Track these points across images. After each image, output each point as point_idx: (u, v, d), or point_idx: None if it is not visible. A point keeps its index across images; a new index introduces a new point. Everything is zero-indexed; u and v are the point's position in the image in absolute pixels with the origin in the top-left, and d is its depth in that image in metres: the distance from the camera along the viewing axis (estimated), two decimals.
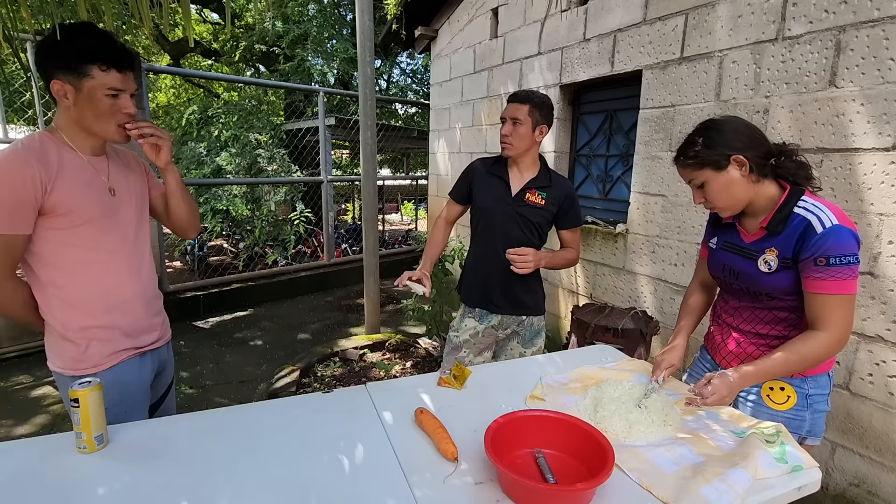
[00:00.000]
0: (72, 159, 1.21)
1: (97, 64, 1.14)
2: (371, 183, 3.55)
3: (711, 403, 1.17)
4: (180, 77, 9.90)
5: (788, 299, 1.25)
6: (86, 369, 1.25)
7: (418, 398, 1.37)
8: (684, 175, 1.31)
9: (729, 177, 1.21)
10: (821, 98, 1.86)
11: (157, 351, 1.43)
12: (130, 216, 1.33)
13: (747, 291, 1.31)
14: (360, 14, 3.27)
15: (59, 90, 1.16)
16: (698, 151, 1.23)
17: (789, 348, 1.20)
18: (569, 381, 1.48)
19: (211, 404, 2.84)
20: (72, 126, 1.21)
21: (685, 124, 2.40)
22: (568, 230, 1.91)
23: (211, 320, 4.23)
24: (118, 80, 1.17)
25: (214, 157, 6.00)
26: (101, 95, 1.16)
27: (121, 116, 1.21)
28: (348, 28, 8.16)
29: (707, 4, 2.24)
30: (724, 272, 1.37)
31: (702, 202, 1.30)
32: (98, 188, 1.24)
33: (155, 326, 1.41)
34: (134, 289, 1.33)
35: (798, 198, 1.21)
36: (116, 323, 1.29)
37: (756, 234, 1.28)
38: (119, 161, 1.36)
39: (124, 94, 1.20)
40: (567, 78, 3.15)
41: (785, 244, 1.20)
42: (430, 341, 3.49)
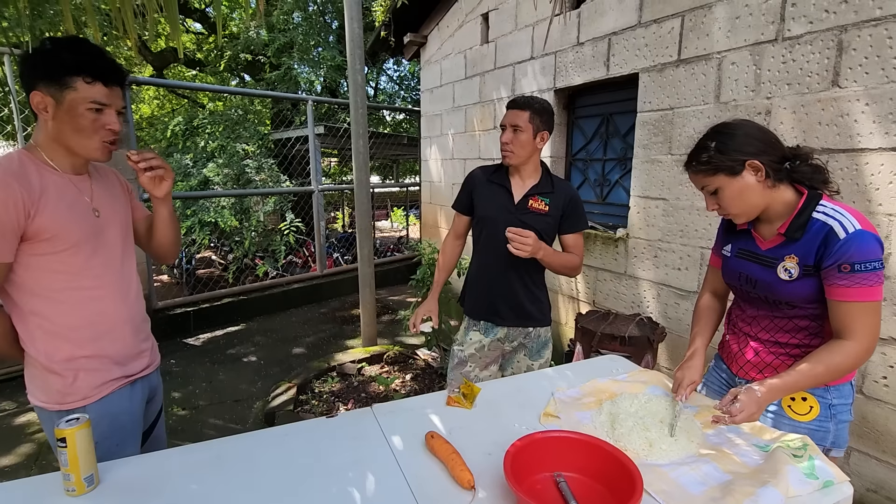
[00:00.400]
0: (53, 179, 1.13)
1: (82, 76, 1.08)
2: (364, 192, 3.48)
3: (740, 421, 1.13)
4: (164, 88, 9.76)
5: (810, 307, 1.21)
6: (73, 402, 1.17)
7: (427, 420, 1.31)
8: (697, 181, 1.26)
9: (744, 182, 1.17)
10: (824, 98, 1.84)
11: (148, 377, 1.36)
12: (116, 238, 1.26)
13: (766, 300, 1.27)
14: (350, 21, 3.21)
15: (38, 102, 1.09)
16: (711, 157, 1.18)
17: (816, 359, 1.15)
18: (581, 396, 1.43)
19: (205, 426, 2.74)
20: (50, 143, 1.14)
21: (685, 127, 2.37)
22: (571, 234, 1.83)
23: (202, 337, 4.12)
24: (103, 94, 1.11)
25: (201, 169, 5.89)
26: (83, 109, 1.09)
27: (104, 133, 1.14)
28: (334, 35, 8.11)
29: (703, 6, 2.23)
30: (740, 280, 1.32)
31: (715, 209, 1.26)
32: (82, 210, 1.17)
33: (144, 352, 1.34)
34: (122, 314, 1.26)
35: (816, 202, 1.17)
36: (105, 351, 1.21)
37: (773, 240, 1.24)
38: (102, 180, 1.29)
39: (109, 110, 1.13)
40: (561, 82, 3.12)
41: (806, 251, 1.16)
42: (429, 352, 3.42)
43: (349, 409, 2.80)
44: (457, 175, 4.52)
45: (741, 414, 1.12)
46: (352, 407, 2.81)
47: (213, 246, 7.78)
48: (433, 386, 3.06)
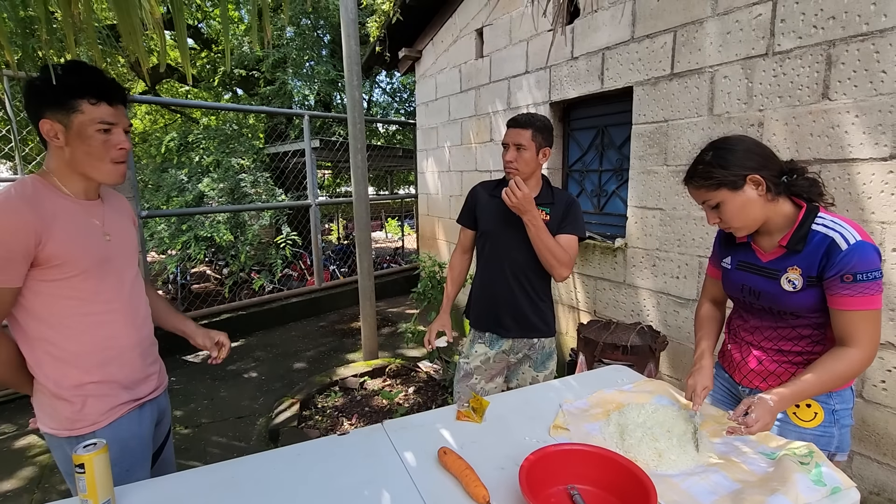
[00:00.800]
0: (66, 205, 1.14)
1: (86, 98, 1.09)
2: (363, 206, 3.51)
3: (756, 432, 1.14)
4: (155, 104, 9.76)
5: (813, 317, 1.24)
6: (83, 428, 1.17)
7: (438, 435, 1.32)
8: (698, 196, 1.28)
9: (745, 197, 1.20)
10: (815, 110, 1.90)
11: (156, 400, 1.36)
12: (125, 262, 1.27)
13: (770, 311, 1.30)
14: (347, 38, 3.26)
15: (48, 130, 1.10)
16: (713, 172, 1.21)
17: (822, 366, 1.18)
18: (589, 407, 1.45)
19: (208, 444, 2.72)
20: (64, 169, 1.15)
21: (679, 139, 2.42)
22: (564, 235, 1.79)
23: (201, 354, 4.08)
24: (110, 113, 1.13)
25: (196, 184, 5.88)
26: (92, 131, 1.11)
27: (115, 153, 1.15)
28: (327, 49, 8.18)
29: (695, 22, 2.29)
30: (742, 292, 1.35)
31: (717, 223, 1.28)
32: (94, 235, 1.18)
33: (152, 375, 1.34)
34: (131, 339, 1.26)
35: (815, 215, 1.21)
36: (114, 376, 1.21)
37: (774, 252, 1.27)
38: (113, 204, 1.31)
39: (117, 129, 1.15)
40: (556, 95, 3.17)
41: (808, 262, 1.19)
42: (430, 364, 3.43)
43: (353, 423, 2.79)
44: (454, 187, 4.55)
45: (757, 424, 1.14)
46: (356, 422, 2.80)
47: (209, 260, 7.75)
48: (436, 398, 3.07)
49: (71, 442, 1.18)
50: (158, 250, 6.20)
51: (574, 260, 1.82)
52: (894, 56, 1.67)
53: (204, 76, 8.66)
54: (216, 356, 1.49)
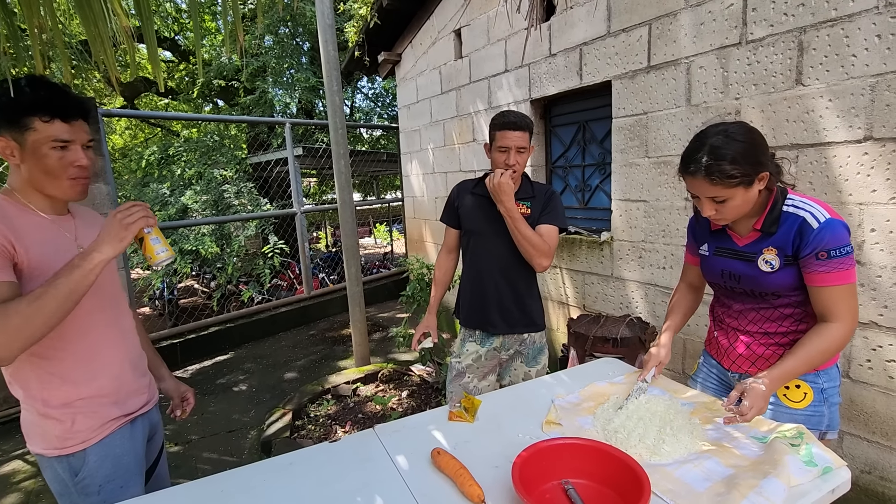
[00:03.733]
0: (35, 221, 1.12)
1: (38, 115, 1.06)
2: (349, 212, 3.48)
3: (751, 418, 1.15)
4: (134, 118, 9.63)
5: (793, 295, 1.26)
6: (74, 446, 1.15)
7: (431, 436, 1.31)
8: (706, 190, 1.19)
9: (752, 193, 1.19)
10: (790, 97, 1.92)
11: (147, 415, 1.34)
12: (104, 278, 1.24)
13: (751, 293, 1.31)
14: (324, 45, 3.24)
15: (3, 148, 1.08)
16: (736, 170, 1.14)
17: (808, 344, 1.20)
18: (581, 401, 1.45)
19: (199, 461, 2.67)
20: (25, 186, 1.12)
21: (659, 130, 2.44)
22: (543, 224, 1.78)
23: (190, 368, 4.03)
24: (64, 130, 1.09)
25: (179, 197, 5.81)
26: (46, 149, 1.07)
27: (72, 170, 1.11)
28: (306, 57, 8.14)
29: (669, 14, 2.31)
30: (722, 277, 1.36)
31: (712, 214, 1.24)
32: (67, 249, 1.15)
33: (142, 389, 1.32)
34: (118, 351, 1.24)
35: (784, 197, 1.23)
36: (102, 391, 1.19)
37: (750, 236, 1.29)
38: (87, 219, 1.29)
39: (74, 146, 1.11)
40: (537, 93, 3.19)
41: (783, 242, 1.21)
42: (423, 368, 3.41)
43: (347, 431, 2.76)
44: (439, 189, 4.55)
45: (751, 411, 1.14)
46: (350, 429, 2.77)
47: (196, 274, 7.64)
48: (430, 401, 3.05)
49: (62, 462, 1.15)
50: (143, 266, 6.10)
51: (554, 250, 1.79)
52: (863, 40, 1.70)
53: (183, 88, 8.57)
54: (179, 413, 1.51)
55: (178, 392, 1.52)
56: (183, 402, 1.52)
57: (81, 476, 1.15)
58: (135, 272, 6.26)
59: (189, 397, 1.53)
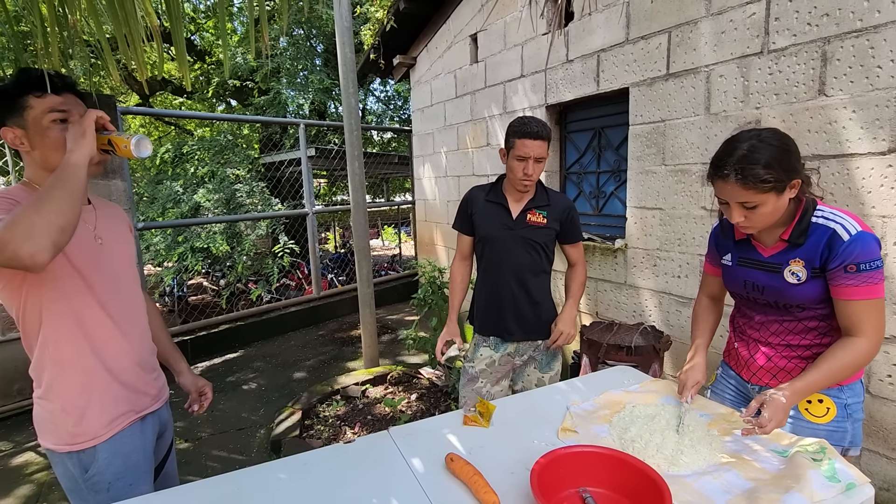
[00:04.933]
0: None
1: (31, 94, 1.09)
2: (361, 213, 3.49)
3: (770, 430, 1.13)
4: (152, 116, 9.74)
5: (818, 308, 1.24)
6: (84, 442, 1.15)
7: (445, 440, 1.30)
8: (737, 195, 1.16)
9: (783, 200, 1.17)
10: (812, 107, 1.91)
11: (158, 412, 1.34)
12: (120, 266, 1.26)
13: (775, 305, 1.29)
14: (341, 47, 3.26)
15: (12, 139, 1.11)
16: (770, 175, 1.11)
17: (831, 358, 1.18)
18: (597, 409, 1.44)
19: (209, 458, 2.69)
20: (40, 174, 1.15)
21: (677, 138, 2.43)
22: (572, 245, 1.92)
23: (200, 365, 4.06)
24: (58, 101, 1.12)
25: (192, 195, 5.86)
26: (47, 122, 1.10)
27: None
28: (320, 59, 8.20)
29: (689, 22, 2.30)
30: (745, 288, 1.35)
31: (741, 221, 1.20)
32: (84, 237, 1.17)
33: (153, 385, 1.32)
34: (130, 346, 1.24)
35: (814, 207, 1.21)
36: (113, 386, 1.20)
37: (776, 247, 1.27)
38: (106, 211, 1.31)
39: (72, 116, 1.13)
40: (552, 98, 3.18)
41: (811, 254, 1.19)
42: (432, 371, 3.40)
43: (356, 432, 2.76)
44: (451, 192, 4.55)
45: (771, 423, 1.12)
46: (359, 430, 2.78)
47: (205, 272, 7.69)
48: (439, 405, 3.04)
49: (72, 458, 1.15)
50: (154, 262, 6.16)
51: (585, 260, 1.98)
52: (889, 51, 1.68)
53: (198, 88, 8.65)
54: (196, 408, 1.49)
55: (196, 387, 1.51)
56: (201, 396, 1.51)
57: (91, 473, 1.16)
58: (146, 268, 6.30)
59: (207, 392, 1.53)
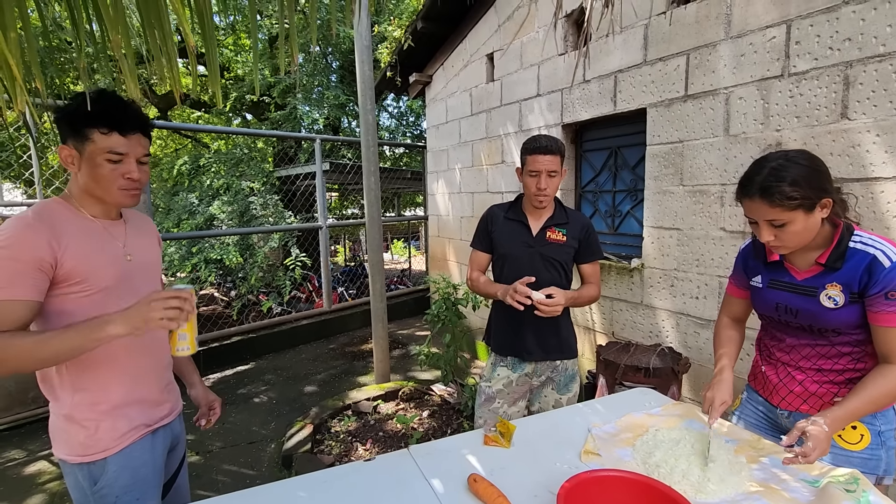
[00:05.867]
0: (85, 225, 1.17)
1: (98, 127, 1.11)
2: (376, 228, 3.51)
3: (814, 459, 1.10)
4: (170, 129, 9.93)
5: (854, 334, 1.22)
6: (95, 454, 1.15)
7: (465, 461, 1.29)
8: (765, 213, 1.17)
9: (814, 219, 1.16)
10: (834, 130, 1.90)
11: (170, 426, 1.33)
12: (146, 283, 1.27)
13: (809, 329, 1.27)
14: (360, 64, 3.32)
15: (66, 156, 1.14)
16: (797, 192, 1.12)
17: (872, 386, 1.16)
18: (618, 432, 1.42)
19: (219, 472, 2.67)
20: (81, 193, 1.18)
21: (695, 159, 2.43)
22: (588, 264, 1.90)
23: (212, 377, 4.06)
24: (120, 143, 1.13)
25: (206, 207, 5.94)
26: (101, 160, 1.12)
27: (122, 181, 1.15)
28: (336, 75, 8.34)
29: (708, 45, 2.32)
30: (778, 311, 1.33)
31: (771, 241, 1.20)
32: (113, 254, 1.19)
33: (167, 399, 1.32)
34: (148, 360, 1.25)
35: (851, 232, 1.20)
36: (127, 399, 1.20)
37: (811, 270, 1.25)
38: (138, 225, 1.33)
39: (128, 159, 1.15)
40: (568, 117, 3.21)
41: (849, 279, 1.18)
42: (444, 388, 3.38)
43: (368, 449, 2.74)
44: (464, 209, 4.57)
45: (815, 452, 1.09)
46: (370, 447, 2.75)
47: (215, 283, 7.75)
48: (451, 423, 3.01)
49: (83, 469, 1.15)
50: (169, 273, 6.22)
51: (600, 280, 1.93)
52: None
53: (214, 102, 8.82)
54: (204, 423, 1.49)
55: (206, 401, 1.51)
56: (210, 411, 1.51)
57: (100, 485, 1.15)
58: None
59: (216, 407, 1.52)
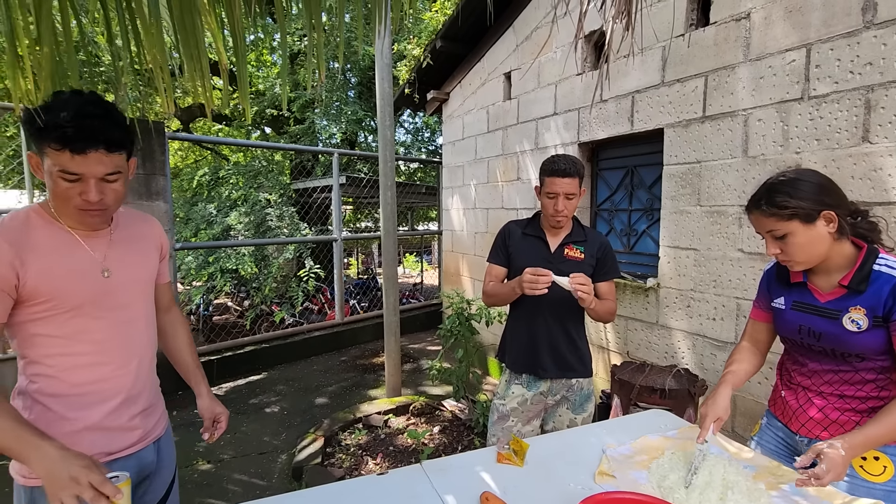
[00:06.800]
0: (57, 236, 1.06)
1: (48, 142, 0.96)
2: (391, 241, 3.55)
3: (827, 483, 1.08)
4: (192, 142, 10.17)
5: (879, 360, 1.20)
6: (36, 479, 1.03)
7: (478, 478, 1.28)
8: (764, 224, 1.23)
9: (816, 232, 1.18)
10: (855, 154, 1.89)
11: (138, 454, 1.18)
12: (129, 299, 1.16)
13: (832, 353, 1.26)
14: (380, 82, 3.39)
15: (34, 165, 1.04)
16: (789, 201, 1.17)
17: (892, 413, 1.13)
18: (633, 454, 1.40)
19: (230, 482, 2.68)
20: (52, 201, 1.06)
21: (713, 179, 2.43)
22: (605, 282, 1.86)
23: (224, 386, 4.09)
24: (72, 163, 0.97)
25: (224, 217, 6.06)
26: (55, 177, 0.99)
27: (78, 201, 1.01)
28: (354, 90, 8.51)
29: (726, 67, 2.33)
30: (800, 334, 1.31)
31: (777, 253, 1.24)
32: (87, 270, 1.08)
33: (140, 423, 1.18)
34: (122, 381, 1.14)
35: (876, 255, 1.19)
36: (87, 423, 1.08)
37: (834, 292, 1.24)
38: (130, 234, 1.21)
39: (85, 178, 1.00)
40: (585, 136, 3.23)
41: (873, 302, 1.17)
42: (455, 403, 3.36)
43: (378, 463, 2.73)
44: (479, 224, 4.59)
45: (828, 475, 1.07)
46: (381, 461, 2.74)
47: (229, 292, 7.84)
48: (462, 439, 2.99)
49: (27, 492, 1.06)
50: (185, 281, 6.33)
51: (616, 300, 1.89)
52: None
53: (236, 116, 9.04)
54: (207, 437, 1.39)
55: (211, 413, 1.40)
56: (214, 424, 1.40)
57: None
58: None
59: (222, 420, 1.42)
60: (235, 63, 1.32)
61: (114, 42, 1.24)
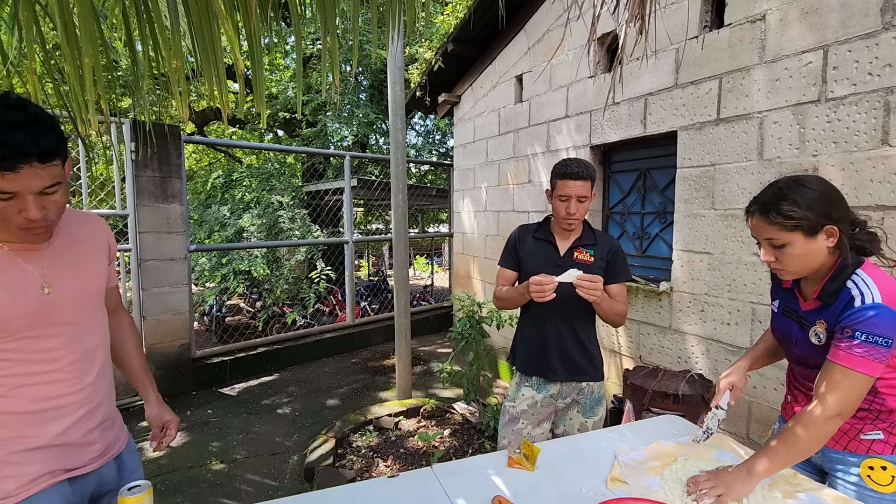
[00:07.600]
0: None
1: None
2: (403, 244, 3.56)
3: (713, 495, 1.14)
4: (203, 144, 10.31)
5: None
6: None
7: (490, 482, 1.28)
8: (764, 231, 1.18)
9: (815, 245, 1.14)
10: (874, 156, 1.86)
11: (98, 472, 1.12)
12: (77, 312, 1.08)
13: (804, 362, 1.25)
14: (392, 86, 3.41)
15: None
16: (795, 212, 1.11)
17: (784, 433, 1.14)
18: (646, 459, 1.39)
19: (243, 482, 2.70)
20: None
21: (727, 183, 2.40)
22: (615, 284, 1.84)
23: (237, 387, 4.13)
24: (3, 181, 0.86)
25: (237, 219, 6.13)
26: None
27: (18, 219, 0.92)
28: (366, 94, 8.57)
29: (741, 69, 2.30)
30: (785, 338, 1.32)
31: (770, 261, 1.21)
32: (24, 289, 0.99)
33: (97, 439, 1.12)
34: (76, 398, 1.07)
35: (852, 270, 1.14)
36: (41, 441, 1.02)
37: (812, 303, 1.23)
38: (73, 242, 1.11)
39: (20, 195, 0.90)
40: (597, 139, 3.21)
41: (834, 318, 1.14)
42: (466, 406, 3.35)
43: (389, 465, 2.73)
44: (490, 227, 4.59)
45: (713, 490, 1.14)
46: (391, 463, 2.75)
47: (241, 294, 7.93)
48: (472, 442, 2.99)
49: None
50: (199, 283, 6.41)
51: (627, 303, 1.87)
52: None
53: (250, 119, 9.15)
54: (155, 445, 1.32)
55: (160, 420, 1.32)
56: (162, 431, 1.32)
57: None
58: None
59: (171, 428, 1.33)
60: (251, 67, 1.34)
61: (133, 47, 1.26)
